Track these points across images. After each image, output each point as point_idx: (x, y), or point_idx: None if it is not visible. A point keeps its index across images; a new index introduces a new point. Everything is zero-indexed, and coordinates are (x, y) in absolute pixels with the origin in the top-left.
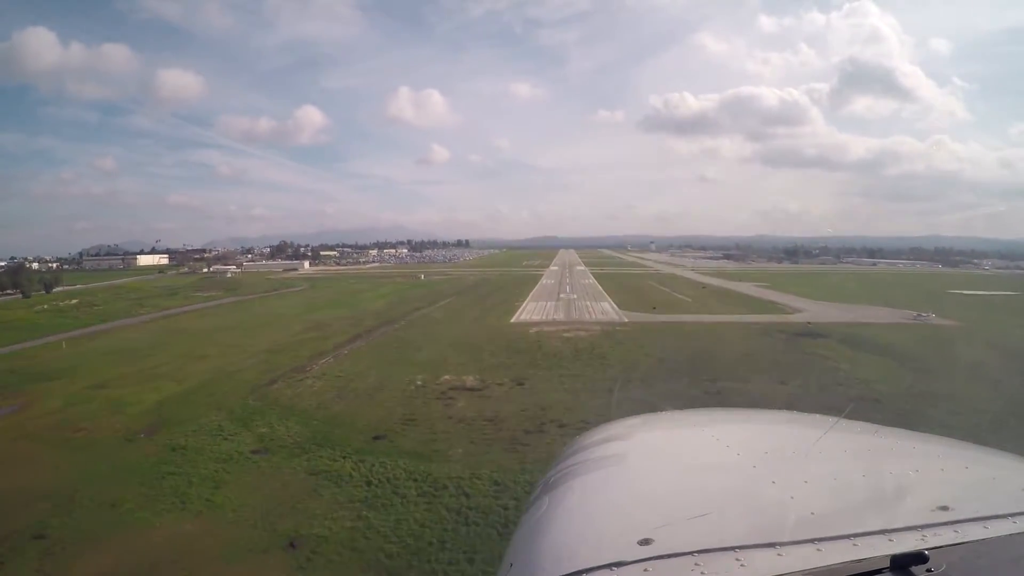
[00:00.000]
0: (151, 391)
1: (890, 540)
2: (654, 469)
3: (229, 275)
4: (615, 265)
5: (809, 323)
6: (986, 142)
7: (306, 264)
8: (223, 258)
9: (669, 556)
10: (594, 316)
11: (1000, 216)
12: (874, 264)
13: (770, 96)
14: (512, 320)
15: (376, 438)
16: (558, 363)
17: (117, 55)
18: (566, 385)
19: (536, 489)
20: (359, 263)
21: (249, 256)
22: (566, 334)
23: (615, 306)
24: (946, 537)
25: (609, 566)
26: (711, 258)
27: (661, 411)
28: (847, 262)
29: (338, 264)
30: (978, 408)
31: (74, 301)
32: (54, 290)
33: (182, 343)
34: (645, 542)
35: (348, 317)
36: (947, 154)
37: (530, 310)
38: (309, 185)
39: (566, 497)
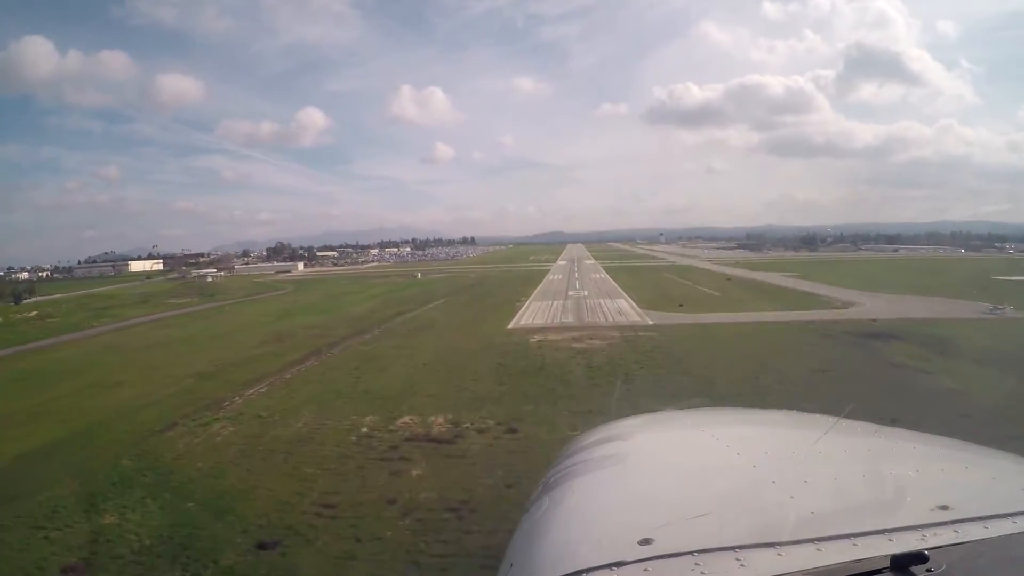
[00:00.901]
0: (12, 440)
1: (890, 540)
2: (654, 469)
3: (210, 279)
4: (626, 258)
5: (874, 320)
6: (994, 126)
7: (301, 265)
8: (218, 261)
9: (669, 556)
10: (610, 318)
11: (1010, 199)
12: (895, 251)
13: (776, 84)
14: (510, 326)
15: (262, 547)
16: (567, 391)
17: (116, 62)
18: (581, 431)
19: (536, 489)
20: (358, 263)
21: (247, 259)
22: (577, 344)
23: (634, 304)
24: (946, 537)
25: (609, 566)
26: (724, 248)
27: (661, 411)
28: (865, 249)
29: (335, 265)
30: None
31: (33, 313)
32: (25, 301)
33: (108, 365)
34: (645, 542)
35: (318, 325)
36: (955, 139)
37: (533, 312)
38: (315, 188)
39: (566, 497)
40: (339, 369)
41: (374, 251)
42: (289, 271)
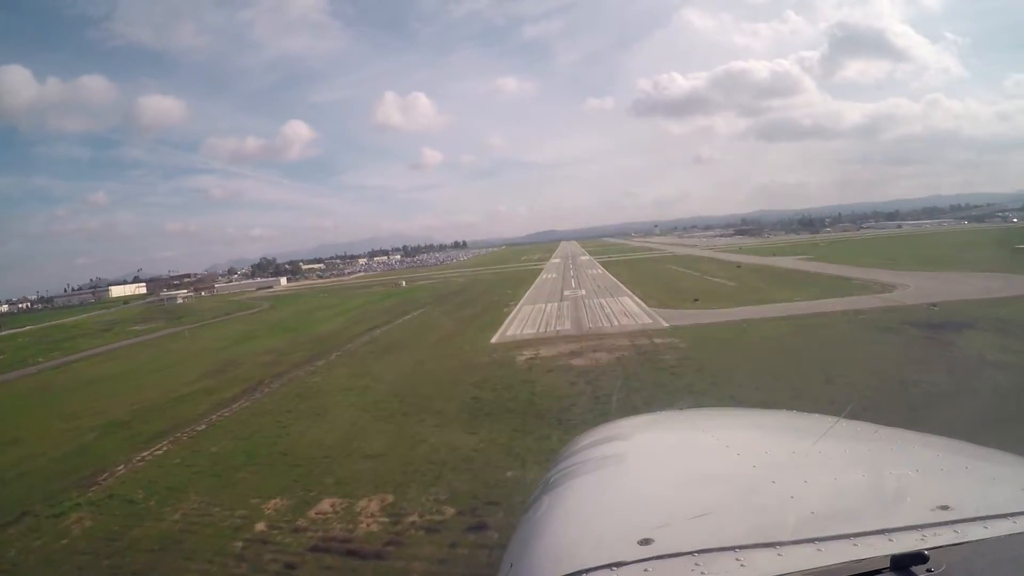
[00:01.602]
0: None
1: (890, 540)
2: (654, 469)
3: (180, 301)
4: (623, 251)
5: (933, 305)
6: (982, 97)
7: (283, 280)
8: (201, 281)
9: (669, 556)
10: (616, 321)
11: (1000, 169)
12: (899, 227)
13: (760, 69)
14: (494, 339)
15: None
16: (565, 440)
17: (96, 86)
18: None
19: (536, 489)
20: (343, 274)
21: (234, 276)
22: (577, 361)
23: (640, 301)
24: (946, 537)
25: (609, 566)
26: (722, 236)
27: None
28: (867, 227)
29: (320, 277)
30: None
31: None
32: None
33: (15, 414)
34: (645, 542)
35: (273, 350)
36: (943, 113)
37: (523, 318)
38: (306, 201)
39: (566, 497)
40: (268, 415)
41: (363, 260)
42: (271, 287)
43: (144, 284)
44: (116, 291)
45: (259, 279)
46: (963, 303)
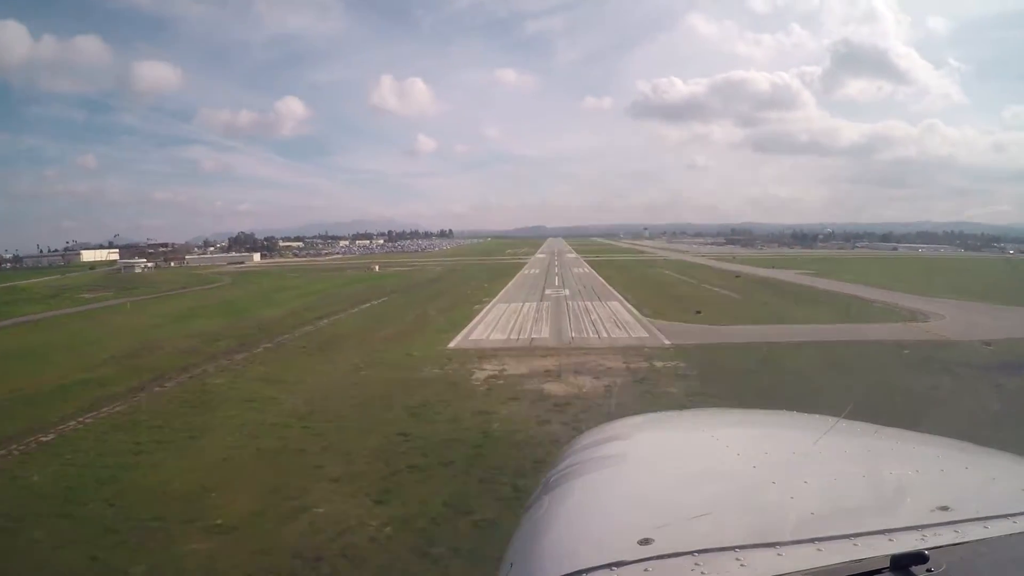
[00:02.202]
0: None
1: (890, 540)
2: (654, 469)
3: (139, 271)
4: (612, 252)
5: (987, 343)
6: (980, 126)
7: (257, 257)
8: (175, 252)
9: (669, 556)
10: (604, 332)
11: (992, 200)
12: (894, 249)
13: (761, 80)
14: (453, 343)
15: None
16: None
17: (92, 47)
18: None
19: (536, 489)
20: (321, 255)
21: (210, 249)
22: (552, 385)
23: (632, 309)
24: (946, 537)
25: (609, 566)
26: (713, 244)
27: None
28: (861, 247)
29: (296, 256)
30: None
31: None
32: None
33: None
34: (645, 542)
35: (204, 334)
36: (940, 138)
37: (494, 320)
38: (298, 180)
39: (566, 497)
40: (132, 429)
41: (344, 243)
42: (242, 262)
43: (118, 250)
44: (87, 256)
45: (233, 253)
46: (1017, 342)
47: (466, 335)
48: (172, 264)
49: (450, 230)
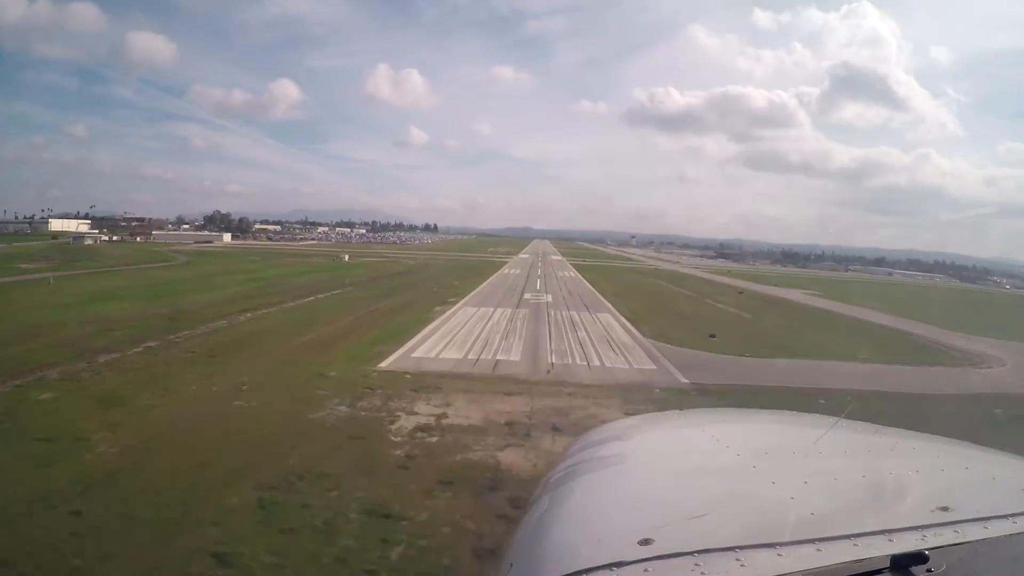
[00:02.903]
0: None
1: (890, 540)
2: (654, 469)
3: (88, 243)
4: (600, 257)
5: None
6: (972, 159)
7: (227, 237)
8: (145, 226)
9: (669, 556)
10: (595, 354)
11: (978, 233)
12: (889, 275)
13: (758, 97)
14: (386, 363)
15: None
16: None
17: (87, 14)
18: None
19: (537, 490)
20: (296, 239)
21: (184, 226)
22: (513, 455)
23: (629, 325)
24: (946, 537)
25: (609, 566)
26: (703, 256)
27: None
28: (853, 270)
29: (270, 239)
30: None
31: None
32: None
33: None
34: (645, 542)
35: (107, 320)
36: (932, 168)
37: (453, 328)
38: (288, 165)
39: (566, 497)
40: None
41: (323, 229)
42: (210, 241)
43: (89, 221)
44: (56, 225)
45: (205, 232)
46: None
47: (410, 350)
48: (138, 239)
49: (435, 225)
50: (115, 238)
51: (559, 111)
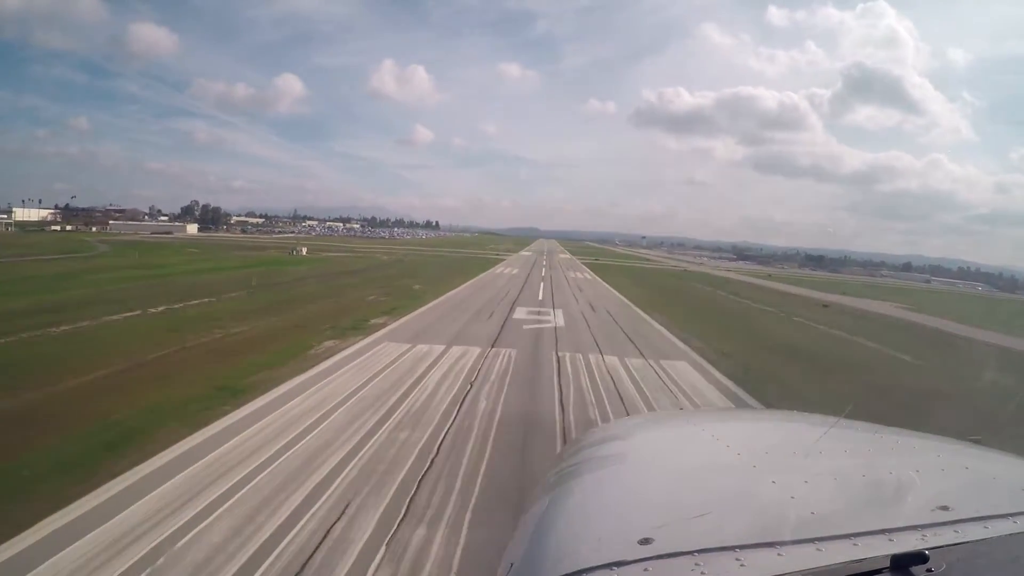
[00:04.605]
0: None
1: (890, 540)
2: (654, 469)
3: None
4: (615, 257)
5: None
6: (984, 165)
7: (192, 228)
8: (127, 216)
9: (669, 556)
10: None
11: (986, 240)
12: (928, 282)
13: (769, 98)
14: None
15: None
16: None
17: (88, 5)
18: None
19: (536, 489)
20: (273, 232)
21: (162, 218)
22: None
23: (728, 383)
24: (946, 537)
25: (609, 566)
26: (720, 258)
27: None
28: (886, 275)
29: (244, 232)
30: None
31: None
32: None
33: None
34: (645, 542)
35: None
36: (943, 174)
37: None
38: (294, 162)
39: (566, 497)
40: None
41: (313, 223)
42: (170, 232)
43: (54, 211)
44: (19, 215)
45: (177, 223)
46: None
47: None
48: (93, 228)
49: (436, 222)
50: (68, 228)
51: (567, 111)
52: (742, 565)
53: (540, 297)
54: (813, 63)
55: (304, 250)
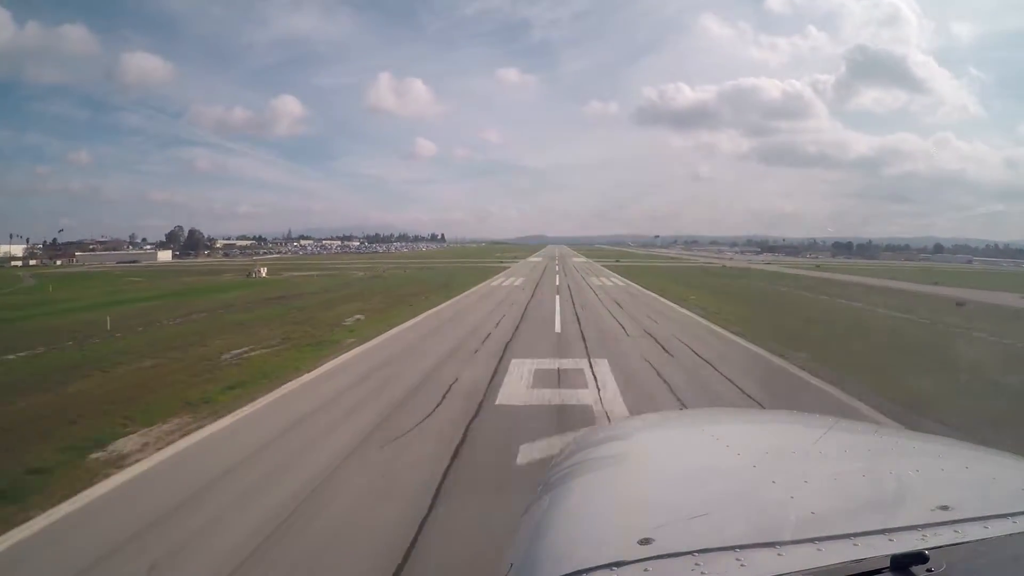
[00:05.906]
0: None
1: (890, 540)
2: (654, 469)
3: None
4: (634, 258)
5: None
6: (992, 140)
7: (162, 255)
8: (111, 246)
9: (669, 556)
10: None
11: (997, 217)
12: (969, 262)
13: (772, 88)
14: None
15: None
16: None
17: (78, 35)
18: None
19: (536, 489)
20: (257, 255)
21: (148, 247)
22: None
23: None
24: (946, 537)
25: (609, 566)
26: (745, 251)
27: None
28: (924, 259)
29: (226, 255)
30: None
31: None
32: None
33: None
34: (645, 542)
35: None
36: (951, 152)
37: None
38: (298, 184)
39: (566, 497)
40: None
41: (307, 242)
42: (136, 261)
43: (26, 245)
44: (1, 250)
45: (159, 252)
46: None
47: None
48: (58, 262)
49: (441, 235)
50: (32, 262)
51: (568, 115)
52: (742, 565)
53: (558, 328)
54: (815, 48)
55: (264, 271)
